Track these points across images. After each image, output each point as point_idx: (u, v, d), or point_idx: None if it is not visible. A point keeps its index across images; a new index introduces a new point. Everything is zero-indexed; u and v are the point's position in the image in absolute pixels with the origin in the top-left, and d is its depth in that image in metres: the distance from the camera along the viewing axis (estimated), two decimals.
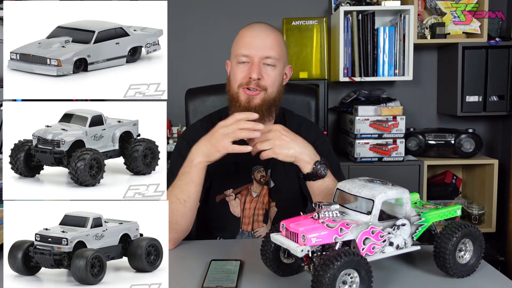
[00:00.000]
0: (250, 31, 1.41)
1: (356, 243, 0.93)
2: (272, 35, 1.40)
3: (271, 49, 1.38)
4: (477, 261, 1.04)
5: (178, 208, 1.27)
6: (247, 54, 1.37)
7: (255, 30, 1.41)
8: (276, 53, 1.38)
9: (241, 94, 1.39)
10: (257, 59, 1.37)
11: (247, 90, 1.38)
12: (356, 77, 2.76)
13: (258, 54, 1.37)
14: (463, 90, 2.75)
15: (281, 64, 1.41)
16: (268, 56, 1.37)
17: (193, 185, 1.28)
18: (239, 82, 1.39)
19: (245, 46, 1.38)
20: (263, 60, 1.37)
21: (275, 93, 1.41)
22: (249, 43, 1.38)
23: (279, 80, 1.42)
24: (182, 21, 3.01)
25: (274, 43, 1.39)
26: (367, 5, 2.75)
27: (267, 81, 1.38)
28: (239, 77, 1.39)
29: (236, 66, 1.40)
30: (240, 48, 1.39)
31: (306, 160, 1.26)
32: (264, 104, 1.39)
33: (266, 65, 1.38)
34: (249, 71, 1.37)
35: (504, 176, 2.79)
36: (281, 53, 1.41)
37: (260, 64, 1.37)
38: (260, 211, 1.46)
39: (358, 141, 2.62)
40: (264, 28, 1.42)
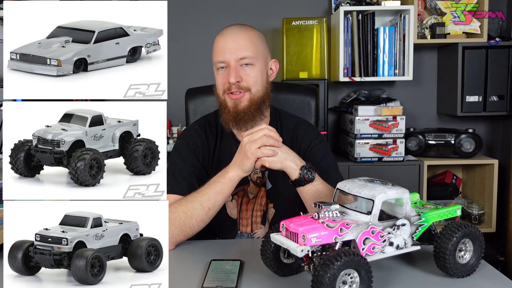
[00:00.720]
0: (222, 36, 1.40)
1: (356, 243, 0.93)
2: (243, 34, 1.39)
3: (244, 49, 1.37)
4: (477, 261, 1.04)
5: (199, 214, 1.28)
6: (222, 59, 1.37)
7: (226, 34, 1.40)
8: (251, 51, 1.37)
9: (228, 100, 1.39)
10: (233, 63, 1.36)
11: (232, 95, 1.38)
12: (356, 77, 2.76)
13: (233, 57, 1.36)
14: (463, 90, 2.75)
15: (260, 61, 1.40)
16: (243, 56, 1.36)
17: (222, 196, 1.29)
18: (222, 89, 1.40)
19: (219, 52, 1.38)
20: (239, 61, 1.37)
21: (261, 91, 1.40)
22: (223, 48, 1.38)
23: (261, 77, 1.41)
24: (182, 21, 3.01)
25: (247, 42, 1.38)
26: (367, 5, 2.75)
27: (248, 81, 1.38)
28: (221, 83, 1.40)
29: (216, 73, 1.41)
30: (216, 55, 1.39)
31: (292, 166, 1.25)
32: (252, 105, 1.38)
33: (244, 65, 1.37)
34: (227, 76, 1.37)
35: (504, 176, 2.79)
36: (258, 50, 1.40)
37: (237, 66, 1.37)
38: (258, 213, 1.46)
39: (358, 141, 2.62)
40: (234, 30, 1.40)
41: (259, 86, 1.40)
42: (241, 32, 1.40)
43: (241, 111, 1.38)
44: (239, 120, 1.39)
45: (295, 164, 1.26)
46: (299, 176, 1.25)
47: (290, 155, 1.27)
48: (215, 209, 1.30)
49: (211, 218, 1.31)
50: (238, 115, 1.38)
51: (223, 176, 1.28)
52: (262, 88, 1.41)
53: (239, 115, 1.38)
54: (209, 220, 1.31)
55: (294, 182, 1.27)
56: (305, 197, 1.29)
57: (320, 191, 1.27)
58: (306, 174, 1.25)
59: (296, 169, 1.25)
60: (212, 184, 1.29)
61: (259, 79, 1.40)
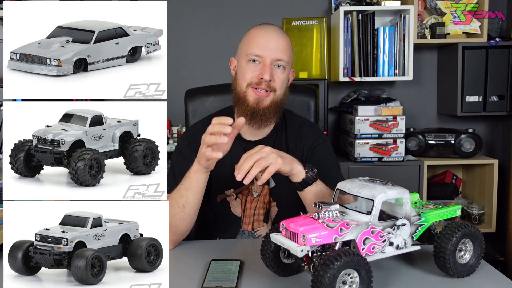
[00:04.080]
0: (264, 32, 1.41)
1: (356, 243, 0.93)
2: (284, 38, 1.42)
3: (283, 52, 1.39)
4: (477, 261, 1.04)
5: (177, 212, 1.28)
6: (260, 54, 1.38)
7: (269, 31, 1.42)
8: (287, 56, 1.40)
9: (250, 94, 1.40)
10: (269, 61, 1.38)
11: (257, 91, 1.39)
12: (356, 77, 2.76)
13: (271, 56, 1.38)
14: (463, 90, 2.75)
15: (288, 68, 1.43)
16: (280, 58, 1.39)
17: (192, 191, 1.28)
18: (248, 81, 1.40)
19: (258, 46, 1.39)
20: (275, 62, 1.38)
21: (282, 95, 1.43)
22: (263, 43, 1.39)
23: (286, 83, 1.45)
24: (182, 21, 3.01)
25: (286, 47, 1.41)
26: (367, 5, 2.75)
27: (277, 83, 1.39)
28: (249, 76, 1.39)
29: (246, 65, 1.40)
30: (253, 48, 1.39)
31: (298, 167, 1.25)
32: (273, 106, 1.40)
33: (277, 67, 1.39)
34: (261, 72, 1.38)
35: (504, 176, 2.79)
36: (290, 58, 1.43)
37: (271, 65, 1.38)
38: (261, 211, 1.47)
39: (358, 141, 2.62)
40: (277, 31, 1.43)
41: (282, 90, 1.43)
42: (283, 35, 1.43)
43: (261, 109, 1.39)
44: (255, 117, 1.40)
45: (299, 165, 1.26)
46: (306, 175, 1.25)
47: (291, 157, 1.26)
48: (190, 206, 1.29)
49: (191, 217, 1.30)
50: (256, 112, 1.39)
51: (189, 171, 1.28)
52: (284, 92, 1.44)
53: (257, 112, 1.39)
54: (189, 218, 1.30)
55: (302, 183, 1.26)
56: (309, 199, 1.28)
57: (323, 191, 1.27)
58: (312, 172, 1.25)
59: (302, 170, 1.26)
60: (183, 180, 1.29)
61: (284, 84, 1.43)
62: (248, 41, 1.42)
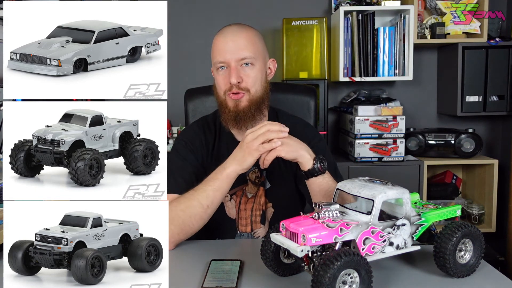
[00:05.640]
0: (221, 36, 1.41)
1: (356, 243, 0.93)
2: (243, 34, 1.39)
3: (245, 49, 1.37)
4: (477, 261, 1.04)
5: (198, 212, 1.27)
6: (223, 60, 1.38)
7: (226, 34, 1.40)
8: (251, 51, 1.38)
9: (228, 100, 1.40)
10: (233, 63, 1.37)
11: (232, 95, 1.38)
12: (356, 77, 2.76)
13: (233, 57, 1.37)
14: (463, 90, 2.75)
15: (259, 61, 1.41)
16: (243, 57, 1.37)
17: (220, 193, 1.28)
18: (223, 89, 1.40)
19: (219, 52, 1.38)
20: (240, 62, 1.37)
21: (260, 91, 1.41)
22: (223, 48, 1.38)
23: (260, 77, 1.41)
24: (182, 21, 3.01)
25: (247, 42, 1.38)
26: (367, 5, 2.75)
27: (248, 82, 1.38)
28: (222, 84, 1.40)
29: (217, 73, 1.41)
30: (216, 56, 1.40)
31: (306, 155, 1.25)
32: (252, 105, 1.39)
33: (244, 65, 1.38)
34: (228, 77, 1.37)
35: (504, 176, 2.79)
36: (257, 50, 1.40)
37: (237, 67, 1.37)
38: (257, 212, 1.46)
39: (358, 141, 2.62)
40: (234, 30, 1.41)
41: (258, 86, 1.40)
42: (241, 31, 1.40)
43: (241, 111, 1.38)
44: (239, 120, 1.39)
45: (308, 154, 1.26)
46: (312, 166, 1.25)
47: (303, 145, 1.27)
48: (213, 207, 1.29)
49: (210, 216, 1.30)
50: (238, 115, 1.39)
51: (220, 172, 1.28)
52: (261, 88, 1.42)
53: (239, 115, 1.39)
54: (208, 218, 1.30)
55: (307, 173, 1.26)
56: (314, 190, 1.29)
57: (330, 185, 1.27)
58: (319, 164, 1.25)
59: (310, 159, 1.25)
60: (209, 181, 1.28)
61: (259, 79, 1.40)
62: (212, 50, 1.42)
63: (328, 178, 1.28)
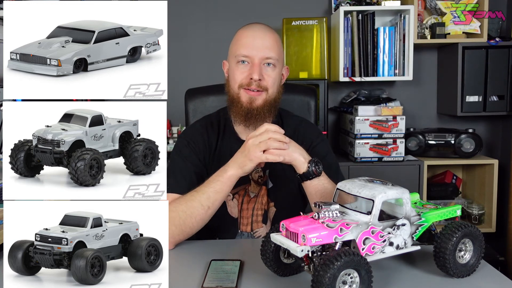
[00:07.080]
0: (249, 31, 1.41)
1: (356, 243, 0.93)
2: (271, 35, 1.41)
3: (271, 49, 1.39)
4: (477, 261, 1.04)
5: (199, 213, 1.27)
6: (248, 54, 1.38)
7: (255, 30, 1.41)
8: (275, 53, 1.39)
9: (242, 95, 1.39)
10: (257, 60, 1.37)
11: (249, 91, 1.38)
12: (356, 77, 2.76)
13: (259, 54, 1.37)
14: (463, 90, 2.75)
15: (279, 65, 1.42)
16: (269, 56, 1.38)
17: (221, 195, 1.29)
18: (239, 82, 1.40)
19: (245, 46, 1.39)
20: (264, 60, 1.38)
21: (275, 93, 1.42)
22: (249, 43, 1.38)
23: (278, 80, 1.43)
24: (182, 21, 3.01)
25: (274, 44, 1.40)
26: (367, 5, 2.75)
27: (268, 82, 1.39)
28: (240, 77, 1.39)
29: (235, 66, 1.41)
30: (240, 49, 1.39)
31: (300, 159, 1.26)
32: (266, 105, 1.40)
33: (266, 65, 1.39)
34: (250, 72, 1.37)
35: (504, 176, 2.79)
36: (280, 54, 1.42)
37: (260, 64, 1.38)
38: (259, 212, 1.46)
39: (358, 141, 2.62)
40: (263, 29, 1.42)
41: (275, 88, 1.42)
42: (269, 32, 1.42)
43: (255, 108, 1.39)
44: (250, 117, 1.40)
45: (303, 157, 1.26)
46: (307, 169, 1.25)
47: (298, 148, 1.27)
48: (214, 208, 1.29)
49: (210, 217, 1.31)
50: (250, 112, 1.39)
51: (221, 175, 1.28)
52: (277, 90, 1.43)
53: (251, 112, 1.39)
54: (208, 219, 1.30)
55: (301, 176, 1.27)
56: (310, 192, 1.29)
57: (326, 187, 1.27)
58: (314, 168, 1.25)
59: (305, 163, 1.26)
60: (211, 182, 1.29)
61: (277, 81, 1.42)
62: (235, 43, 1.42)
63: (324, 180, 1.28)
